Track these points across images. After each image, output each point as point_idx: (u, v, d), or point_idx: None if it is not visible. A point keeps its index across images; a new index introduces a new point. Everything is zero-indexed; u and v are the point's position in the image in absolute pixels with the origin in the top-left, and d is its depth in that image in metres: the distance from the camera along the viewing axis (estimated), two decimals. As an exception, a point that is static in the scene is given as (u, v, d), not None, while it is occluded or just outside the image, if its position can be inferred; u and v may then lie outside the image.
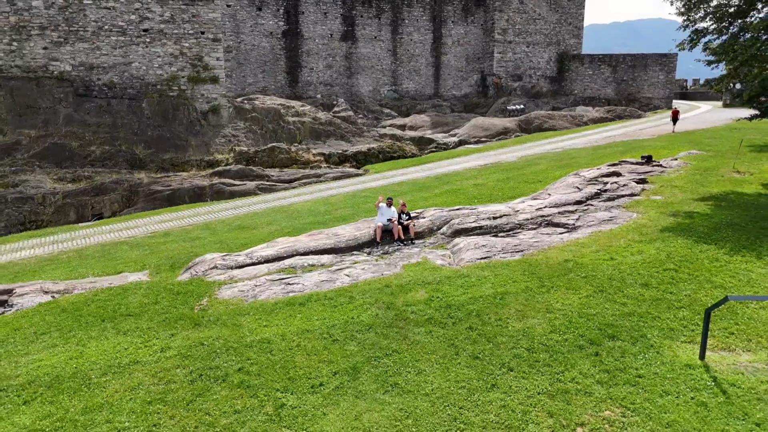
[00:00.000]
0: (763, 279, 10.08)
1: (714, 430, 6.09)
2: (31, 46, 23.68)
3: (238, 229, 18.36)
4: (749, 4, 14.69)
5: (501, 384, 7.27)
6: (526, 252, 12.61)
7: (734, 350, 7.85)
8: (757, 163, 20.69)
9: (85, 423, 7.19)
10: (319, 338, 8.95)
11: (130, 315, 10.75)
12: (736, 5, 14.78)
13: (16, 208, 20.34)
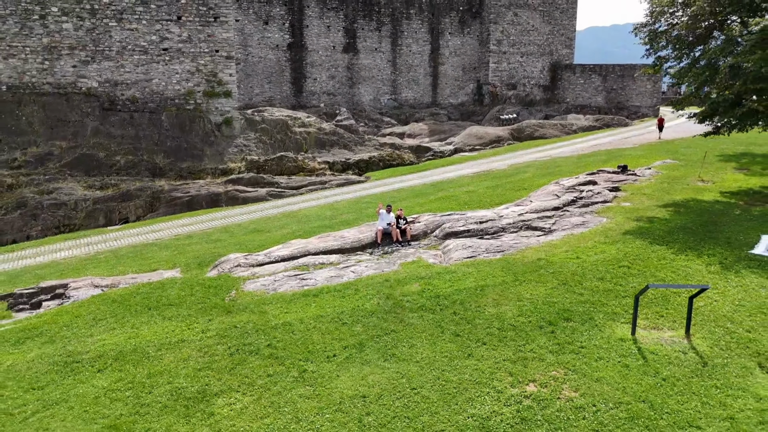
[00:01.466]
0: (697, 273, 12.06)
1: (630, 383, 8.07)
2: (61, 64, 25.73)
3: (253, 232, 20.35)
4: (706, 35, 16.67)
5: (475, 354, 9.26)
6: (506, 252, 14.58)
7: (661, 329, 9.84)
8: (720, 173, 22.68)
9: (150, 384, 9.16)
10: (331, 322, 10.91)
11: (171, 305, 12.73)
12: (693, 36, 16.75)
13: (51, 213, 22.33)
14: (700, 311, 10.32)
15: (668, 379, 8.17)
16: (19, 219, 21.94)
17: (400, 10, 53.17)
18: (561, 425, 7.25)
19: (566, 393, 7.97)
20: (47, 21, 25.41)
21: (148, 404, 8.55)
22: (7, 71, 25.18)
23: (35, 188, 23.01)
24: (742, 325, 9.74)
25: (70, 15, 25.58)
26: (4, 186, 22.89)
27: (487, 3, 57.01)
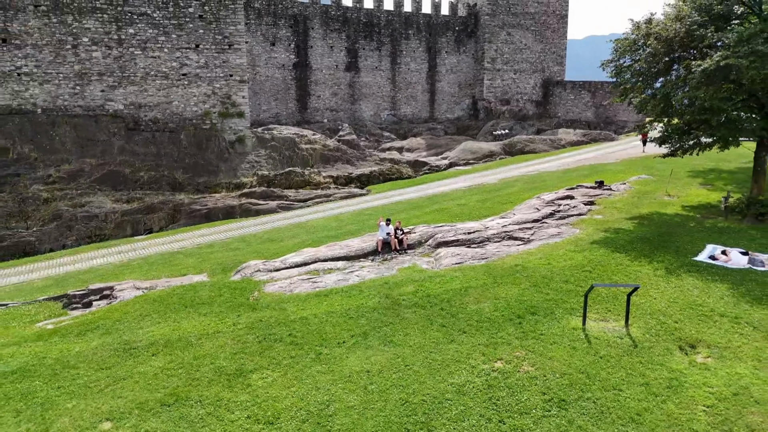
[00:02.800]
0: (645, 277, 14.30)
1: (574, 360, 10.29)
2: (91, 89, 28.07)
3: (268, 241, 22.59)
4: (665, 70, 18.96)
5: (457, 340, 11.47)
6: (489, 259, 16.82)
7: (607, 320, 12.06)
8: (687, 188, 24.95)
9: (197, 365, 11.35)
10: (340, 316, 13.12)
11: (204, 303, 14.95)
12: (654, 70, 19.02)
13: (84, 224, 24.57)
14: (640, 306, 12.55)
15: (604, 357, 10.39)
16: (55, 230, 24.17)
17: (399, 30, 55.73)
18: (517, 389, 9.47)
19: (525, 368, 10.19)
20: (79, 50, 27.82)
21: (197, 378, 10.75)
22: (42, 95, 27.56)
23: (69, 202, 25.27)
24: (672, 318, 11.98)
25: (100, 44, 28.01)
26: (41, 200, 25.17)
27: (482, 23, 59.63)
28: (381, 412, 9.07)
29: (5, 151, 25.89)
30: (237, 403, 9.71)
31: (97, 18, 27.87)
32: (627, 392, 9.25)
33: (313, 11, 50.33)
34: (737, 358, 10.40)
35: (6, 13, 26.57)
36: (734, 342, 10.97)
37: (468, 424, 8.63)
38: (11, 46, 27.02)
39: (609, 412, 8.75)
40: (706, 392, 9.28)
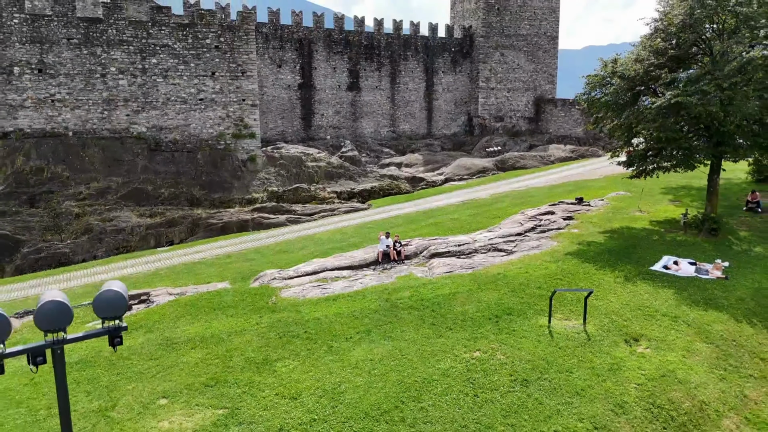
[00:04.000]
0: (606, 283, 16.63)
1: (538, 350, 12.60)
2: (117, 113, 30.53)
3: (280, 252, 24.91)
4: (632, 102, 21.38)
5: (444, 335, 13.78)
6: (475, 268, 19.14)
7: (569, 319, 14.38)
8: (657, 204, 27.32)
9: (230, 356, 13.63)
10: (347, 317, 15.42)
11: (229, 307, 17.25)
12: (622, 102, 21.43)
13: (112, 237, 26.91)
14: (598, 308, 14.88)
15: (562, 348, 12.71)
16: (87, 242, 26.49)
17: (398, 52, 58.41)
18: (490, 372, 11.77)
19: (498, 356, 12.50)
20: (107, 79, 30.32)
21: (231, 366, 13.04)
22: (74, 120, 30.01)
23: (98, 217, 27.61)
24: (622, 317, 14.31)
25: (126, 73, 30.51)
26: (73, 215, 27.51)
27: (477, 45, 62.37)
28: (382, 389, 11.37)
29: (40, 171, 28.32)
30: (266, 384, 12.00)
31: (123, 49, 30.43)
32: (576, 374, 11.57)
33: (317, 35, 52.98)
34: (670, 349, 12.73)
35: (42, 46, 29.11)
36: (670, 336, 13.30)
37: (450, 398, 10.93)
38: (46, 76, 29.54)
39: (560, 388, 11.06)
40: (639, 374, 11.60)
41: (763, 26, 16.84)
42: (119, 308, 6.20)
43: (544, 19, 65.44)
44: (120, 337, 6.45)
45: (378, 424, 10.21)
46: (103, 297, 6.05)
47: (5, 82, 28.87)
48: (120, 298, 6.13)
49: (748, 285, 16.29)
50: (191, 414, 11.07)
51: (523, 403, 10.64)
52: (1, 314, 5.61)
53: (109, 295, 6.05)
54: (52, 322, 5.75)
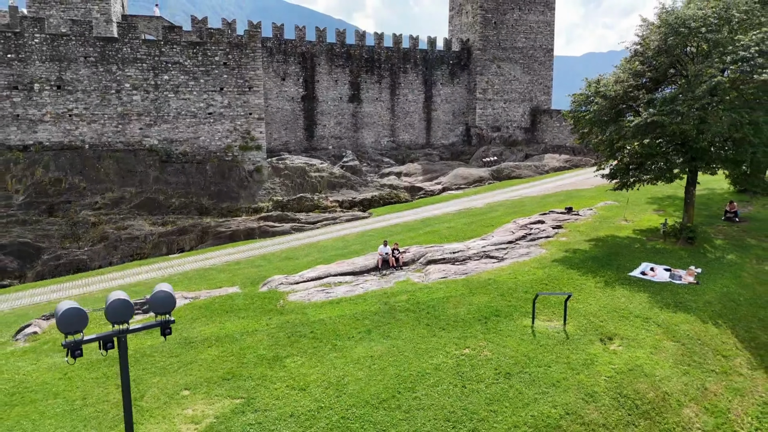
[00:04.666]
0: (587, 288, 17.98)
1: (521, 347, 13.94)
2: (131, 127, 32.01)
3: (285, 259, 26.28)
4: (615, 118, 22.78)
5: (437, 334, 15.13)
6: (468, 274, 20.50)
7: (551, 321, 15.74)
8: (642, 213, 28.69)
9: (243, 353, 14.98)
10: (349, 318, 16.77)
11: (241, 309, 18.60)
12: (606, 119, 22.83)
13: (127, 244, 28.30)
14: (578, 310, 16.23)
15: (543, 345, 14.07)
16: (103, 249, 27.87)
17: (398, 65, 60.02)
18: (477, 366, 13.12)
19: (485, 353, 13.86)
20: (121, 94, 31.82)
21: (245, 362, 14.39)
22: (90, 133, 31.48)
23: (113, 225, 29.00)
24: (599, 318, 15.67)
25: (139, 89, 32.00)
26: (90, 224, 28.91)
27: (474, 57, 64.00)
28: (380, 381, 12.72)
29: (59, 182, 29.74)
30: (277, 378, 13.35)
31: (137, 67, 31.94)
32: (553, 368, 12.92)
33: (319, 49, 54.60)
34: (639, 346, 14.09)
35: (61, 63, 30.63)
36: (640, 335, 14.67)
37: (440, 389, 12.28)
38: (65, 92, 31.04)
39: (538, 380, 12.42)
40: (610, 368, 12.96)
41: (730, 52, 18.28)
42: (169, 305, 7.59)
43: (540, 32, 67.10)
44: (170, 329, 7.83)
45: (377, 411, 11.55)
46: (157, 297, 7.43)
47: (26, 98, 30.39)
48: (170, 297, 7.51)
49: (717, 289, 17.65)
50: (212, 403, 12.42)
51: (504, 392, 11.99)
52: (81, 309, 6.98)
53: (161, 295, 7.44)
54: (118, 315, 7.12)
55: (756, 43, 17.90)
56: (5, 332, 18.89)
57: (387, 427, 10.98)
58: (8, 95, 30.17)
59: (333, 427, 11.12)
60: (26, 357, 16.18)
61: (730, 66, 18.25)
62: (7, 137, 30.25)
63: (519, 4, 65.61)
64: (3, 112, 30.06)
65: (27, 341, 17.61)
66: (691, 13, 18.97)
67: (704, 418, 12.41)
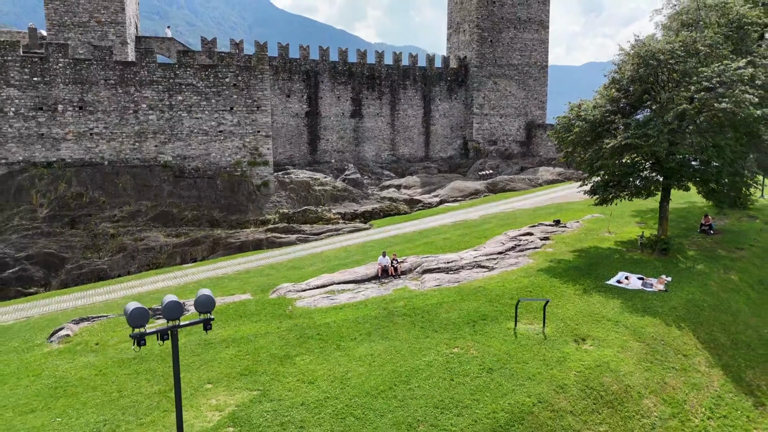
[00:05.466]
0: (566, 295, 19.73)
1: (503, 347, 15.68)
2: (147, 144, 33.95)
3: (292, 268, 28.06)
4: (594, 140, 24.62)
5: (430, 336, 16.87)
6: (461, 282, 22.26)
7: (532, 324, 17.48)
8: (625, 226, 30.46)
9: (257, 352, 16.73)
10: (352, 322, 18.52)
11: (253, 314, 20.37)
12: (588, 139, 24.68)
13: (144, 255, 30.11)
14: (557, 314, 17.99)
15: (523, 345, 15.82)
16: (122, 259, 29.68)
17: (398, 81, 62.14)
18: (464, 363, 14.86)
19: (471, 351, 15.61)
20: (138, 114, 33.79)
21: (260, 360, 16.13)
22: (109, 151, 33.42)
23: (131, 237, 30.83)
24: (575, 322, 17.42)
25: (155, 109, 33.98)
26: (109, 235, 30.74)
27: (471, 74, 66.12)
28: (379, 375, 14.47)
29: (80, 196, 31.60)
30: (288, 373, 15.10)
31: (153, 88, 33.94)
32: (530, 364, 14.68)
33: (322, 67, 56.73)
34: (608, 346, 15.84)
35: (83, 86, 32.63)
36: (610, 337, 16.42)
37: (431, 382, 14.03)
38: (86, 112, 33.02)
39: (516, 374, 14.17)
40: (580, 364, 14.72)
41: (695, 82, 20.14)
42: (210, 306, 9.40)
43: (534, 49, 69.28)
44: (210, 324, 9.62)
45: (376, 400, 13.30)
46: (201, 299, 9.24)
47: (50, 118, 32.37)
48: (210, 299, 9.32)
49: (683, 296, 19.41)
50: (232, 394, 14.17)
51: (486, 384, 13.74)
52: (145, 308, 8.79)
53: (203, 298, 9.24)
54: (172, 313, 8.92)
55: (717, 74, 19.81)
56: (39, 335, 20.65)
57: (384, 413, 12.73)
58: (34, 116, 32.17)
59: (338, 413, 12.86)
60: (62, 357, 17.93)
61: (695, 95, 20.13)
62: (33, 154, 32.20)
63: (514, 23, 67.87)
64: (29, 131, 32.06)
65: (60, 343, 19.36)
66: (660, 46, 20.91)
67: (662, 408, 14.14)
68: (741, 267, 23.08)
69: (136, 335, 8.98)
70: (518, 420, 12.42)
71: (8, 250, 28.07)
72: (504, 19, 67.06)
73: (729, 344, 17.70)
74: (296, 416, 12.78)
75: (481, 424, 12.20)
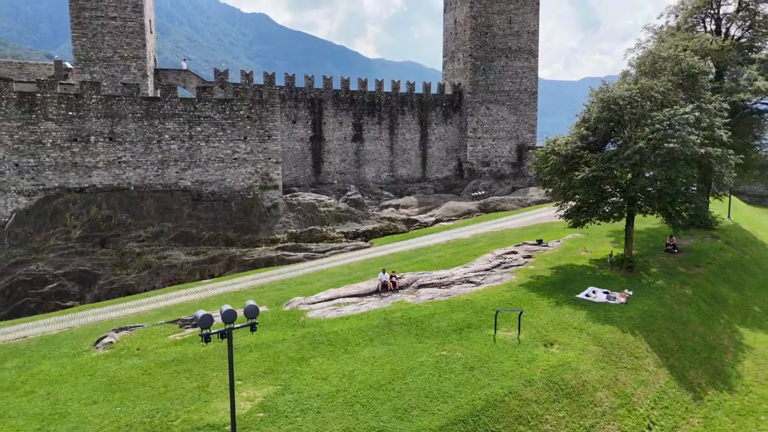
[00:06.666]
0: (541, 306, 22.65)
1: (485, 349, 18.57)
2: (168, 171, 37.06)
3: (301, 283, 30.96)
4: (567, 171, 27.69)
5: (423, 342, 19.76)
6: (451, 296, 25.18)
7: (510, 331, 20.38)
8: (600, 245, 33.46)
9: (276, 355, 19.59)
10: (357, 330, 21.41)
11: (270, 324, 23.23)
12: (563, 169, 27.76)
13: (167, 271, 33.00)
14: (531, 323, 20.90)
15: (501, 348, 18.71)
16: (147, 276, 32.56)
17: (396, 107, 65.61)
18: (451, 363, 17.74)
19: (457, 354, 18.49)
20: (162, 144, 36.96)
21: (279, 362, 19.00)
22: (135, 177, 36.52)
23: (155, 255, 33.74)
24: (546, 329, 20.33)
25: (176, 139, 37.16)
26: (135, 254, 33.66)
27: (465, 100, 69.65)
28: (380, 373, 17.34)
29: (109, 218, 34.60)
30: (305, 372, 17.97)
31: (175, 121, 37.15)
32: (505, 363, 17.57)
33: (326, 95, 60.18)
34: (571, 349, 18.75)
35: (113, 119, 35.84)
36: (574, 341, 19.33)
37: (423, 377, 16.90)
38: (115, 143, 36.19)
39: (493, 371, 17.06)
40: (546, 363, 17.61)
41: (649, 124, 23.30)
42: (255, 312, 12.36)
43: (525, 77, 72.91)
44: (255, 327, 12.55)
45: (378, 392, 16.17)
46: (248, 307, 12.21)
47: (83, 148, 35.51)
48: (255, 307, 12.29)
49: (640, 308, 22.35)
50: (259, 388, 17.03)
51: (468, 379, 16.63)
52: (210, 314, 11.74)
53: (250, 307, 12.21)
54: (228, 318, 11.87)
55: (667, 118, 23.00)
56: (84, 342, 23.49)
57: (385, 401, 15.60)
58: (69, 146, 35.32)
59: (347, 402, 15.73)
60: (110, 360, 20.78)
61: (650, 135, 23.31)
62: (67, 181, 35.27)
63: (505, 52, 71.60)
64: (64, 160, 35.18)
65: (106, 348, 22.21)
66: (619, 93, 24.15)
67: (612, 399, 17.02)
68: (696, 282, 26.06)
69: (204, 335, 11.90)
70: (492, 406, 15.30)
71: (48, 267, 30.98)
72: (496, 48, 70.78)
73: (676, 348, 20.62)
74: (314, 404, 15.64)
75: (462, 409, 15.08)
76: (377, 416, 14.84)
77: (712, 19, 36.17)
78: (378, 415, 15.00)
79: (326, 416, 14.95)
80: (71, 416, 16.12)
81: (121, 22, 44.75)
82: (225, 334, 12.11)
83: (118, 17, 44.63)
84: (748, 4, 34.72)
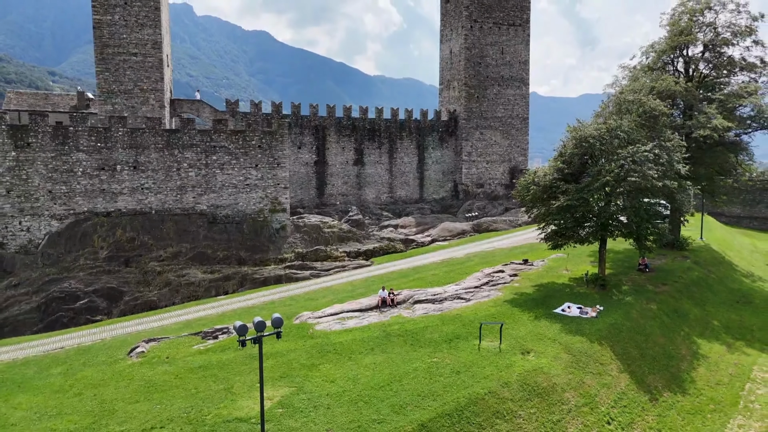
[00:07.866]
0: (521, 320, 25.42)
1: (470, 357, 21.34)
2: (186, 196, 40.09)
3: (308, 299, 33.72)
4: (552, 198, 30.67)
5: (418, 351, 22.50)
6: (443, 311, 27.94)
7: (493, 341, 23.12)
8: (580, 264, 36.30)
9: (290, 362, 22.32)
10: (359, 341, 24.15)
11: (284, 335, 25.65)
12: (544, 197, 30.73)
13: (186, 288, 35.78)
14: (512, 334, 23.66)
15: (483, 356, 21.47)
16: (168, 292, 35.33)
17: (395, 133, 68.96)
18: (441, 367, 20.48)
19: (446, 360, 21.24)
20: (180, 171, 40.07)
21: (293, 368, 21.73)
22: (156, 202, 39.54)
23: (174, 274, 36.55)
24: (524, 339, 23.10)
25: (194, 167, 40.29)
26: (156, 272, 36.48)
27: (460, 125, 73.07)
28: (381, 376, 20.08)
29: (132, 240, 37.50)
30: (315, 376, 20.70)
31: (193, 150, 40.31)
32: (486, 368, 20.32)
33: (329, 122, 63.53)
34: (545, 356, 21.51)
35: (137, 150, 39.01)
36: (548, 350, 22.10)
37: (417, 380, 19.64)
38: (139, 171, 39.30)
39: (476, 375, 19.81)
40: (522, 368, 20.38)
41: (615, 160, 26.37)
42: (280, 323, 15.24)
43: (516, 104, 76.48)
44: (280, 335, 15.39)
45: (378, 392, 18.91)
46: (274, 319, 15.07)
47: (110, 176, 38.60)
48: (280, 319, 15.16)
49: (608, 321, 25.14)
50: (276, 390, 19.76)
51: (454, 381, 19.37)
52: (246, 324, 14.58)
53: (277, 319, 15.07)
54: (259, 327, 14.71)
55: (630, 155, 26.07)
56: (118, 352, 26.20)
57: (384, 399, 18.34)
58: (97, 174, 38.40)
59: (353, 400, 18.47)
60: (144, 366, 23.49)
61: (616, 169, 26.37)
62: (95, 206, 38.26)
63: (498, 81, 75.23)
64: (93, 187, 38.22)
65: (138, 357, 24.92)
66: (589, 132, 27.28)
67: (578, 398, 19.75)
68: (661, 299, 28.87)
69: (241, 341, 14.72)
70: (473, 403, 18.04)
71: (78, 285, 33.79)
72: (489, 77, 74.43)
73: (638, 356, 23.37)
74: (324, 402, 18.38)
75: (449, 405, 17.81)
76: (378, 411, 17.57)
77: (681, 59, 39.54)
78: (378, 410, 17.72)
79: (335, 411, 17.68)
80: (118, 413, 18.82)
81: (141, 58, 48.21)
82: (257, 340, 14.92)
83: (138, 53, 48.11)
84: (714, 47, 38.07)
